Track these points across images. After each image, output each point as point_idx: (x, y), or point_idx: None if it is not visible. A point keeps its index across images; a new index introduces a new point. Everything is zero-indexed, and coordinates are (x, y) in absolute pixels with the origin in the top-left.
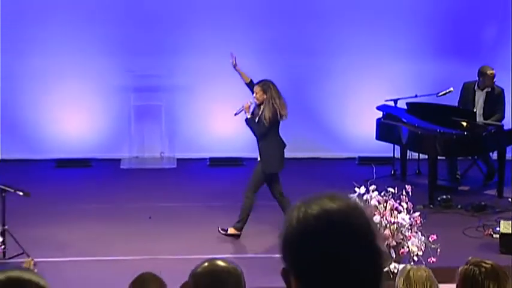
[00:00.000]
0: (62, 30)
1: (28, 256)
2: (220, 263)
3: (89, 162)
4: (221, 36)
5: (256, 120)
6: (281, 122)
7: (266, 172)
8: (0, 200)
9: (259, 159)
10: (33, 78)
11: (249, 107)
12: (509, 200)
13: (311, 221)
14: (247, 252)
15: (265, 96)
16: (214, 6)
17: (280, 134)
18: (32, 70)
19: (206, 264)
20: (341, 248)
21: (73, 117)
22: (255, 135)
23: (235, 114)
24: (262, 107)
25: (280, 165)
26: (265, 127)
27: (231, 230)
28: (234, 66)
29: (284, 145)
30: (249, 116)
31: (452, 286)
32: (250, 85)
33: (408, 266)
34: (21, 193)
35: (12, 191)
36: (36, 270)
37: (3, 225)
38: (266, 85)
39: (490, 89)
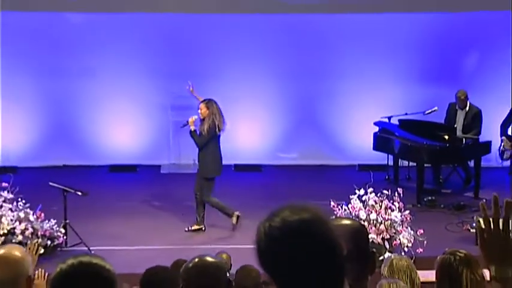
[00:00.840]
0: (115, 59)
1: (85, 245)
2: (209, 258)
3: (135, 168)
4: (245, 65)
5: (198, 132)
6: (296, 137)
7: (203, 176)
8: (63, 199)
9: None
10: (90, 98)
11: (194, 121)
12: (484, 200)
13: (275, 232)
14: None
15: (208, 112)
16: (240, 40)
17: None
18: (90, 91)
19: (196, 260)
20: (303, 253)
21: (123, 131)
22: (197, 145)
23: (182, 127)
24: (204, 121)
25: (217, 171)
26: (204, 138)
27: (233, 220)
28: (192, 92)
29: (221, 155)
30: (192, 129)
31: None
32: None
33: (392, 256)
34: (79, 193)
35: (73, 191)
36: None
37: (65, 219)
38: (210, 103)
39: (468, 109)
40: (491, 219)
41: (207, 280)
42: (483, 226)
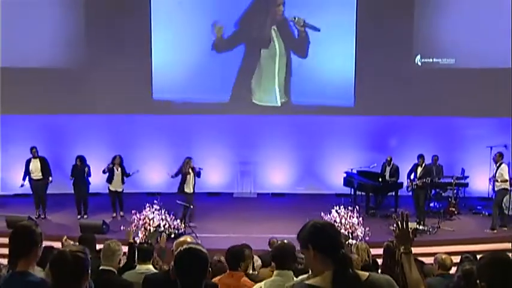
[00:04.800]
0: (210, 138)
1: (195, 234)
2: (286, 241)
3: (220, 194)
4: (276, 140)
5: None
6: (303, 179)
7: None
8: (183, 209)
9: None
10: (199, 157)
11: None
12: (399, 212)
13: (318, 225)
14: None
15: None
16: (273, 127)
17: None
18: (198, 154)
19: (279, 242)
20: (330, 236)
21: (214, 174)
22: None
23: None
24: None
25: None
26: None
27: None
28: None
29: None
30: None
31: (377, 250)
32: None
33: (358, 242)
34: (191, 206)
35: (188, 205)
36: (199, 241)
37: (185, 219)
38: (188, 159)
39: (391, 165)
40: (399, 223)
41: (286, 252)
42: (396, 228)
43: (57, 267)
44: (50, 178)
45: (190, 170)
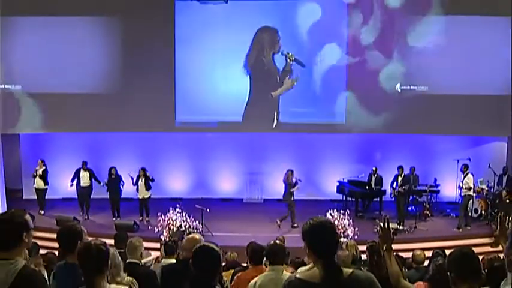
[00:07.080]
0: (225, 150)
1: (211, 232)
2: (278, 241)
3: (232, 199)
4: (279, 154)
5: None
6: (304, 187)
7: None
8: (201, 213)
9: None
10: (216, 169)
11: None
12: (382, 216)
13: (315, 224)
14: (290, 233)
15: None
16: (276, 143)
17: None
18: (213, 167)
19: (272, 242)
20: (326, 234)
21: (226, 183)
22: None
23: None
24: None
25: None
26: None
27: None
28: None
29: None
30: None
31: (364, 247)
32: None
33: (346, 240)
34: (208, 210)
35: (205, 209)
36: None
37: (202, 220)
38: (290, 172)
39: (376, 176)
40: (382, 225)
41: (278, 250)
42: (379, 229)
43: (83, 256)
44: (101, 183)
45: (292, 180)
